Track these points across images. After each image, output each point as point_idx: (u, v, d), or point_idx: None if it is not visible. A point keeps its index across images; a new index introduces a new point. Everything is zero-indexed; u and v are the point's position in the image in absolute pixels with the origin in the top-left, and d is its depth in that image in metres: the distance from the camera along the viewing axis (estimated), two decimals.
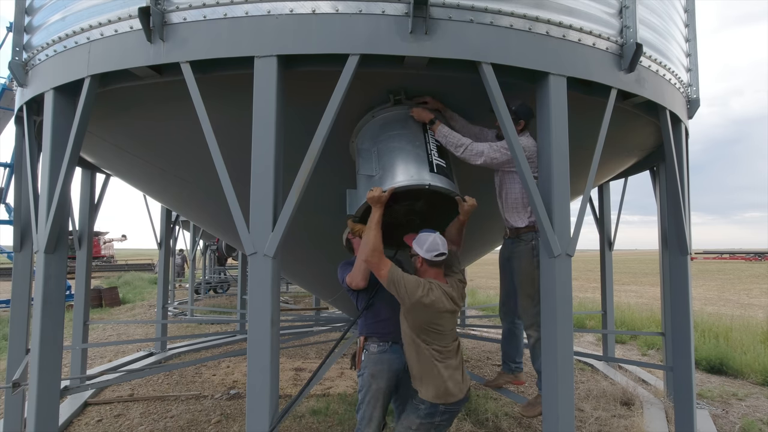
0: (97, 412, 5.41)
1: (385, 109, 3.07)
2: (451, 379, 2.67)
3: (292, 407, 2.72)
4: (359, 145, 3.12)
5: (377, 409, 2.88)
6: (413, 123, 3.01)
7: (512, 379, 3.52)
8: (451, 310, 2.68)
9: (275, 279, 2.51)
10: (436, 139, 2.98)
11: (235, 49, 2.53)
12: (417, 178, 2.77)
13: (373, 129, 3.08)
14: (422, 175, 2.80)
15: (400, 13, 2.49)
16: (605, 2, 2.97)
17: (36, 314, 3.12)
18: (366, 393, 2.88)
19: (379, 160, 2.91)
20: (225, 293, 19.09)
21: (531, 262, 3.05)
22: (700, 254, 70.05)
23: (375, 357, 2.90)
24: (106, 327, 11.33)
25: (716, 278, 28.10)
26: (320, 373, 3.20)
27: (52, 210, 3.04)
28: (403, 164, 2.85)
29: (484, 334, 9.42)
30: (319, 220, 3.88)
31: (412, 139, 2.95)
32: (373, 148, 2.98)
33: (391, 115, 3.06)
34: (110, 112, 3.34)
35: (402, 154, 2.90)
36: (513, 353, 3.50)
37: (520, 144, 2.74)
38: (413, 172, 2.80)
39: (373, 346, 2.93)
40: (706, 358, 7.34)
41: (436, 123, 2.94)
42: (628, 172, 5.83)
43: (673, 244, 4.10)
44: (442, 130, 2.93)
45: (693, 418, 4.03)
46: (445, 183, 2.83)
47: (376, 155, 2.94)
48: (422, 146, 2.93)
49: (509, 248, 3.24)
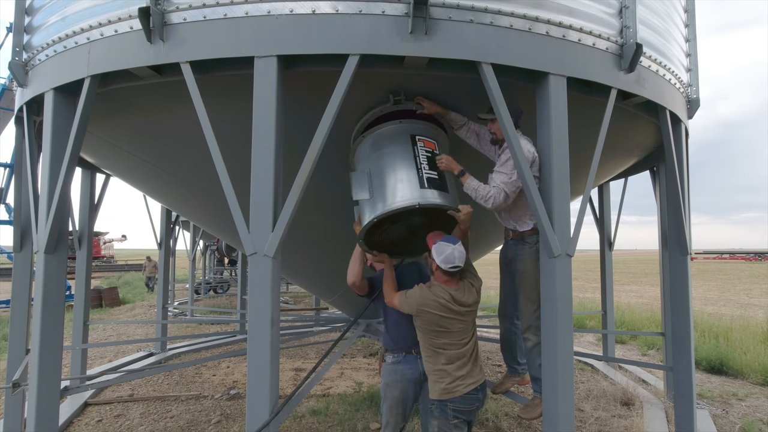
0: (97, 413, 5.41)
1: (378, 127, 3.06)
2: (458, 378, 2.75)
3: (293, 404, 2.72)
4: (355, 166, 3.15)
5: (393, 416, 3.08)
6: (402, 137, 2.99)
7: (519, 380, 3.50)
8: (456, 311, 2.75)
9: (275, 279, 2.51)
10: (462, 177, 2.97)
11: (235, 49, 2.53)
12: (405, 199, 2.77)
13: (364, 149, 3.10)
14: (412, 193, 2.79)
15: (400, 14, 2.49)
16: (605, 2, 2.97)
17: (36, 314, 3.12)
18: (383, 401, 3.11)
19: (371, 181, 2.92)
20: (225, 293, 19.09)
21: (534, 264, 3.03)
22: (700, 254, 70.07)
23: (389, 367, 3.10)
24: (106, 327, 11.33)
25: (716, 278, 28.11)
26: (321, 372, 3.20)
27: (52, 210, 3.04)
28: (392, 184, 2.85)
29: (484, 334, 9.39)
30: (319, 220, 3.88)
31: (401, 155, 2.94)
32: (365, 169, 2.99)
33: (379, 133, 3.06)
34: (110, 112, 3.34)
35: (391, 174, 2.89)
36: (516, 354, 3.47)
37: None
38: (403, 193, 2.80)
39: (389, 357, 3.13)
40: (706, 358, 7.34)
41: (465, 175, 2.96)
42: (628, 172, 5.83)
43: (673, 244, 4.09)
44: (471, 184, 2.96)
45: (693, 418, 4.03)
46: (437, 197, 2.82)
47: (368, 176, 2.94)
48: (411, 161, 2.91)
49: (512, 250, 3.21)
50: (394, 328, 3.13)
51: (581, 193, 3.75)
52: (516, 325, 3.42)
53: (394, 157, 2.94)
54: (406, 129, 3.05)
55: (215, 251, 19.79)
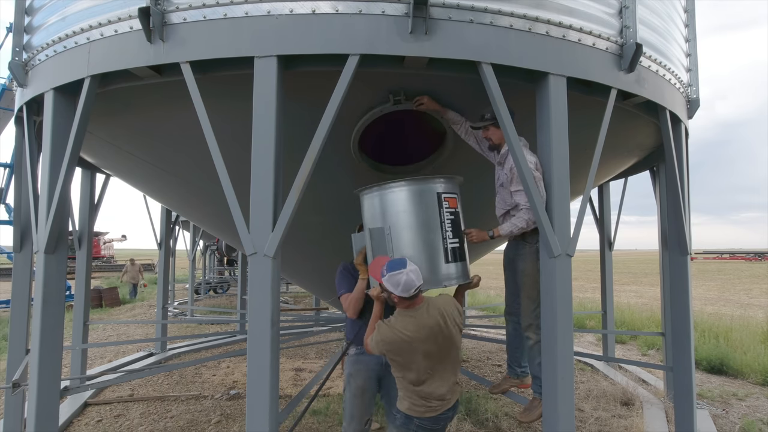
0: (97, 413, 5.41)
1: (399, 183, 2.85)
2: (427, 399, 2.60)
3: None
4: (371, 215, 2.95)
5: (357, 407, 3.12)
6: (430, 197, 2.85)
7: (518, 383, 3.50)
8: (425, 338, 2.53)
9: (275, 279, 2.51)
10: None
11: (235, 49, 2.53)
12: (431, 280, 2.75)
13: (384, 203, 2.89)
14: (437, 272, 2.78)
15: (400, 14, 2.49)
16: (605, 2, 2.97)
17: (36, 314, 3.12)
18: (347, 391, 3.16)
19: (392, 242, 2.80)
20: (225, 293, 19.09)
21: (535, 264, 3.05)
22: (700, 254, 70.08)
23: (353, 358, 3.17)
24: (106, 327, 11.33)
25: (716, 278, 28.11)
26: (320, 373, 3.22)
27: (52, 210, 3.04)
28: (419, 257, 2.75)
29: (484, 334, 9.42)
30: (319, 220, 3.88)
31: (429, 220, 2.82)
32: (385, 225, 2.85)
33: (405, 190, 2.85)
34: (110, 112, 3.34)
35: (416, 243, 2.79)
36: (519, 357, 3.46)
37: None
38: (426, 268, 2.74)
39: (353, 349, 3.18)
40: (706, 358, 7.34)
41: (495, 231, 3.05)
42: (628, 172, 5.83)
43: (673, 244, 4.09)
44: (505, 230, 3.02)
45: (693, 418, 4.03)
46: (458, 272, 2.87)
47: (389, 235, 2.82)
48: (438, 230, 2.81)
49: (514, 249, 3.24)
50: (356, 321, 3.15)
51: (581, 193, 3.75)
52: (521, 325, 3.43)
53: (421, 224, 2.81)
54: (433, 188, 2.89)
55: (215, 251, 19.78)
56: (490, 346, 8.84)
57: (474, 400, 5.47)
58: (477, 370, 7.32)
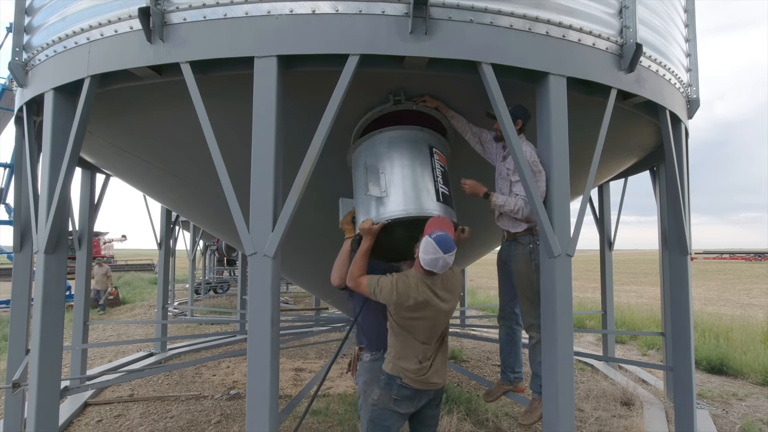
0: (97, 413, 5.40)
1: (393, 129, 3.00)
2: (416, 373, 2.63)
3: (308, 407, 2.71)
4: (363, 160, 3.03)
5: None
6: (421, 145, 2.98)
7: (511, 389, 3.49)
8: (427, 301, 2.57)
9: (275, 279, 2.51)
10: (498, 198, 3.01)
11: (235, 49, 2.53)
12: (422, 208, 2.78)
13: (380, 146, 2.99)
14: (428, 204, 2.81)
15: (400, 14, 2.49)
16: (605, 2, 2.97)
17: (36, 314, 3.12)
18: (363, 399, 3.02)
19: (386, 180, 2.86)
20: (225, 293, 19.09)
21: (528, 265, 3.06)
22: (700, 254, 70.09)
23: (368, 365, 3.05)
24: (106, 327, 11.33)
25: (716, 278, 28.11)
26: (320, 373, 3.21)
27: (52, 210, 3.04)
28: (412, 189, 2.82)
29: (484, 334, 9.42)
30: (318, 220, 3.88)
31: (422, 162, 2.92)
32: (379, 165, 2.92)
33: (398, 134, 2.99)
34: (110, 112, 3.34)
35: (409, 179, 2.86)
36: (512, 362, 3.46)
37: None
38: (419, 201, 2.79)
39: (366, 355, 3.08)
40: (706, 358, 7.34)
41: (490, 194, 3.03)
42: (628, 172, 5.83)
43: (673, 244, 4.09)
44: (497, 201, 3.02)
45: (693, 418, 4.03)
46: (452, 215, 2.87)
47: (383, 174, 2.88)
48: (429, 172, 2.90)
49: (506, 251, 3.25)
50: (370, 326, 3.05)
51: (581, 193, 3.75)
52: (514, 330, 3.42)
53: (414, 163, 2.90)
54: (425, 138, 3.02)
55: (215, 251, 19.78)
56: (490, 346, 8.85)
57: (474, 400, 5.47)
58: (477, 370, 7.32)
